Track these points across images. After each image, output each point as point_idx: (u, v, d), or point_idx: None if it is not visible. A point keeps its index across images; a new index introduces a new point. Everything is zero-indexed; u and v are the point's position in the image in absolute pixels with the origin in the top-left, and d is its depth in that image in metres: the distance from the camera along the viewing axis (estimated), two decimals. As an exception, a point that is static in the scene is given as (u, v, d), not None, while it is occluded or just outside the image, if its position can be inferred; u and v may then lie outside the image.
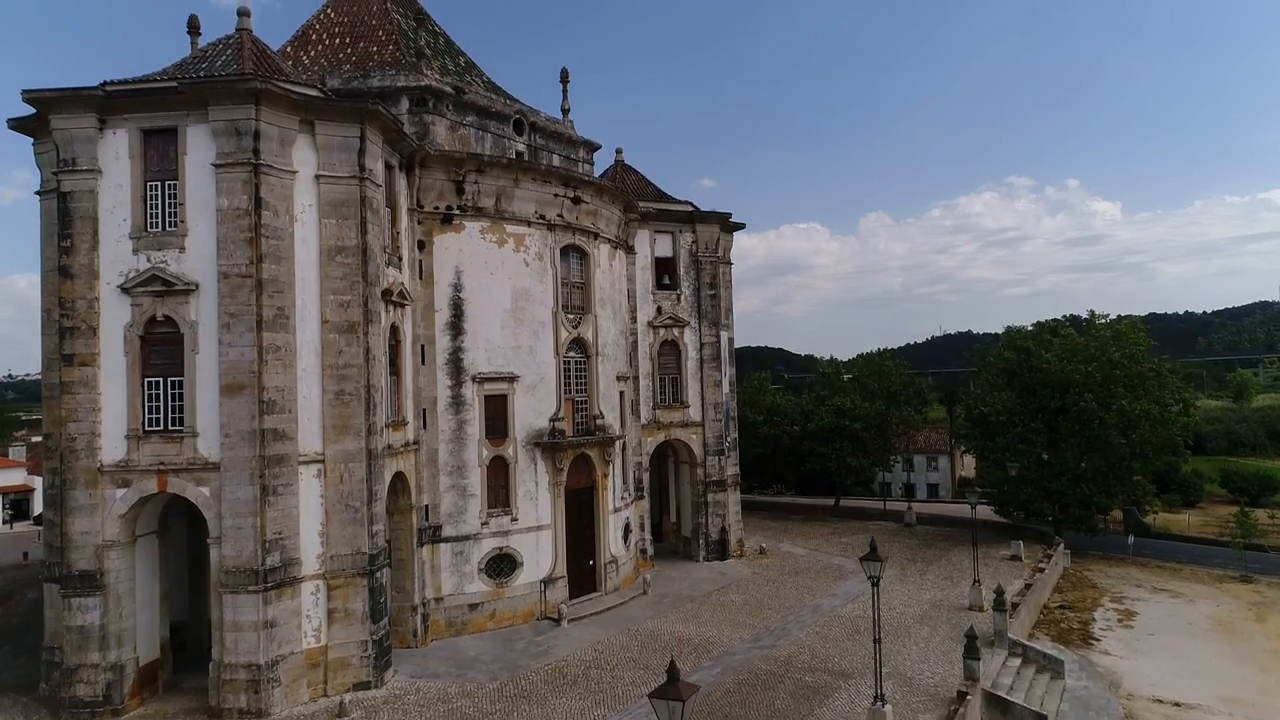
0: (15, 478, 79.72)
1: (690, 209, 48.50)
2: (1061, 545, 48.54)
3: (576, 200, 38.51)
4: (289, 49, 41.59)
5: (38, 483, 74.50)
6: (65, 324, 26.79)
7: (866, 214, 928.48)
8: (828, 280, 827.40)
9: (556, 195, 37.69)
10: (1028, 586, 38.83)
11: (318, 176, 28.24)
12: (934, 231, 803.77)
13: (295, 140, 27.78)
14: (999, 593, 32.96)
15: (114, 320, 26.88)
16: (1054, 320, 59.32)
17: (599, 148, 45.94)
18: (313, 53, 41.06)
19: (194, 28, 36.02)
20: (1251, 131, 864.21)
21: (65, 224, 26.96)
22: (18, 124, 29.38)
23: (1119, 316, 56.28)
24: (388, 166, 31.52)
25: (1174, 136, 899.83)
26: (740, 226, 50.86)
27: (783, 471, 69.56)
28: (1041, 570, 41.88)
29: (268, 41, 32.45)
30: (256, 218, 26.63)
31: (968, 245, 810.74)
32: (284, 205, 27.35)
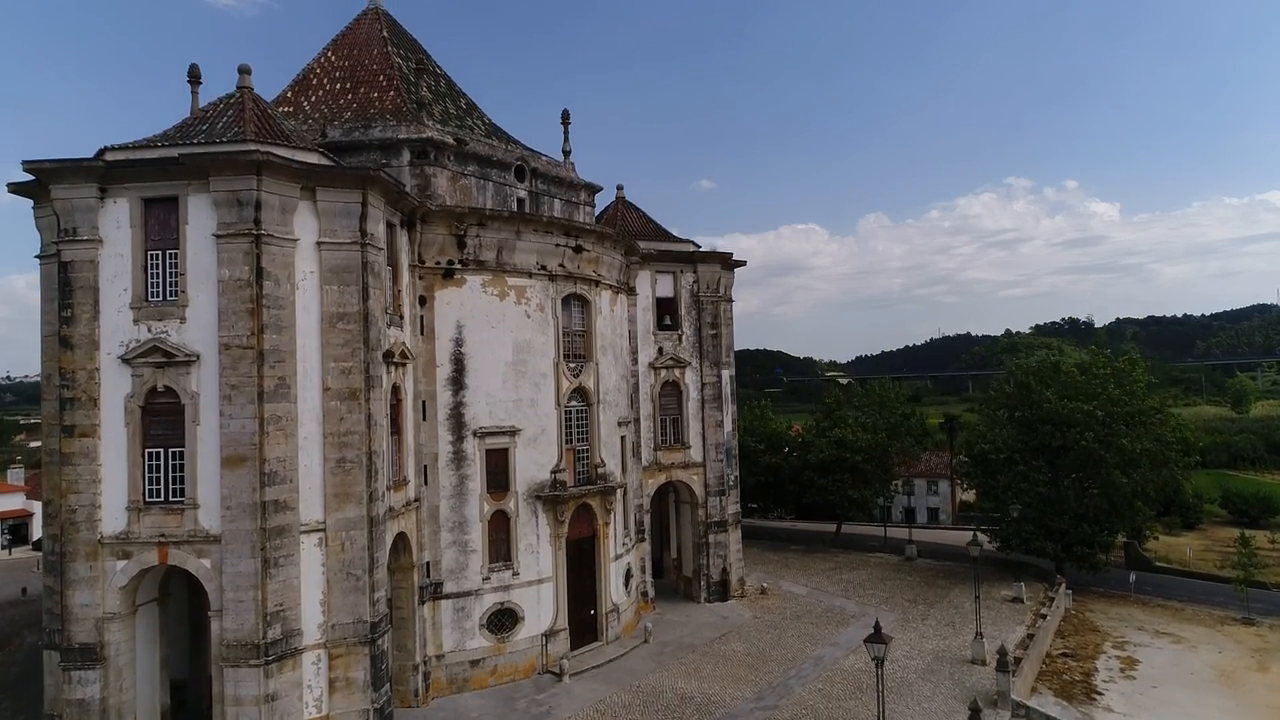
0: (14, 502, 79.62)
1: (691, 249, 48.46)
2: (1063, 585, 48.45)
3: (578, 249, 38.42)
4: (289, 94, 41.56)
5: (37, 507, 74.37)
6: (65, 394, 26.70)
7: (865, 215, 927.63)
8: (827, 281, 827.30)
9: (558, 245, 37.60)
10: (1030, 637, 38.75)
11: (319, 243, 28.15)
12: (933, 232, 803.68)
13: (297, 208, 27.68)
14: (1002, 653, 32.85)
15: (114, 391, 26.79)
16: (1055, 338, 59.21)
17: (600, 189, 45.92)
18: (313, 98, 41.01)
19: (195, 77, 36.04)
20: (1250, 133, 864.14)
21: (66, 294, 26.88)
22: (17, 188, 29.26)
23: (1118, 319, 56.34)
24: (389, 225, 31.43)
25: (1172, 138, 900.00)
26: (741, 264, 50.81)
27: (784, 498, 69.46)
28: (1043, 617, 41.80)
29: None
30: (258, 288, 26.54)
31: (966, 246, 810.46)
32: (285, 274, 27.26)
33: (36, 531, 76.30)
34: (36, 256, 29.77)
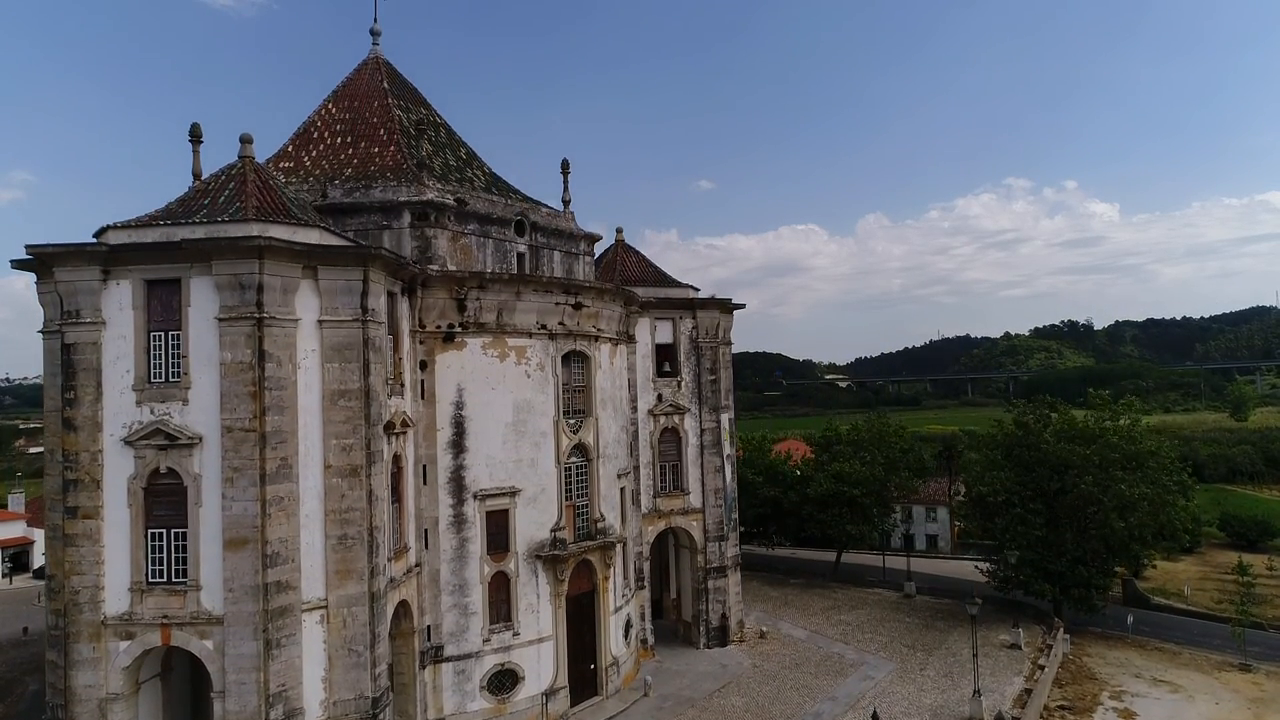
0: (15, 530, 79.63)
1: (690, 296, 48.65)
2: (1060, 630, 48.66)
3: (578, 305, 38.59)
4: (290, 148, 41.76)
5: (38, 535, 74.40)
6: (69, 476, 26.89)
7: (864, 215, 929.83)
8: (826, 282, 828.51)
9: (558, 304, 37.77)
10: (1027, 691, 38.95)
11: (321, 321, 28.32)
12: (932, 233, 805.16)
13: (299, 287, 27.85)
14: (999, 718, 33.02)
15: (117, 472, 26.98)
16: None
17: (599, 238, 46.17)
18: (314, 153, 41.20)
19: (196, 136, 36.15)
20: (1249, 133, 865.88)
21: (69, 375, 27.07)
22: (20, 264, 29.38)
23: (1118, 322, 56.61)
24: (389, 294, 31.59)
25: (1172, 138, 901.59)
26: (740, 307, 50.98)
27: (784, 528, 69.60)
28: (1041, 668, 42.01)
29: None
30: (260, 370, 26.72)
31: (966, 247, 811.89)
32: (287, 354, 27.42)
33: (38, 559, 76.40)
34: (40, 331, 29.89)
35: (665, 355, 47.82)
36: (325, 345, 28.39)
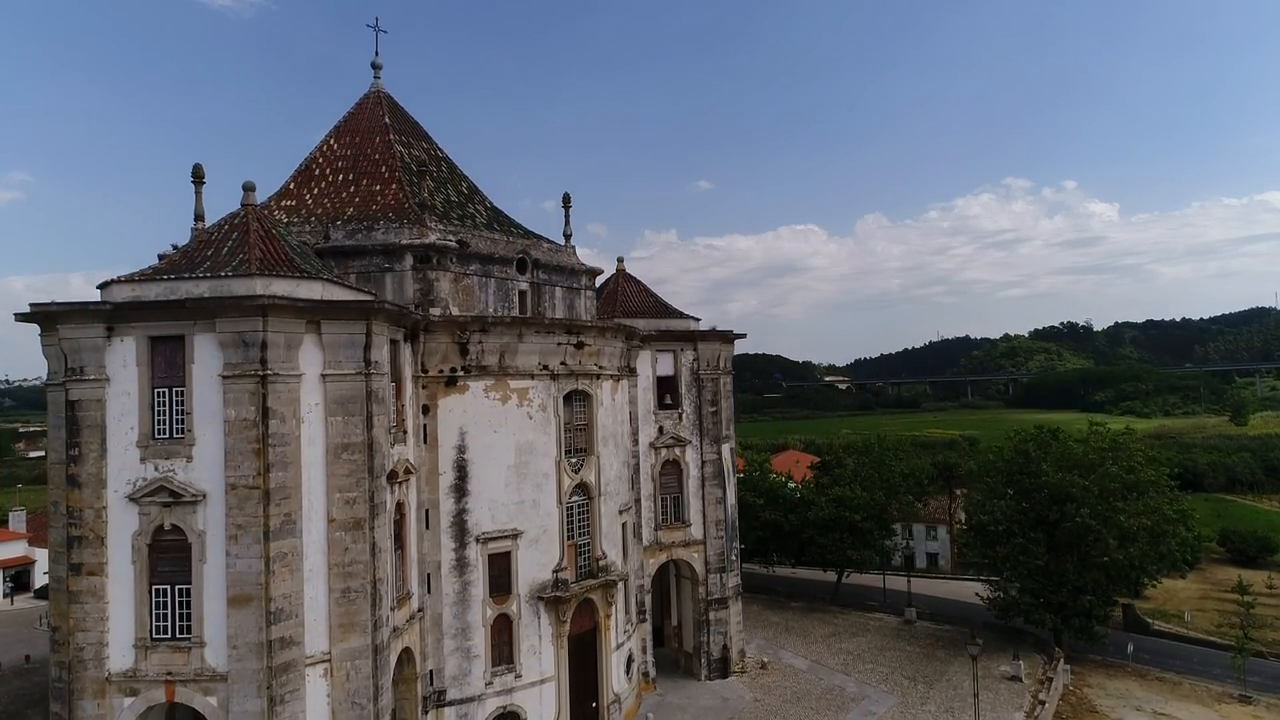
0: (16, 550, 79.67)
1: (691, 328, 48.74)
2: (1061, 660, 48.76)
3: (580, 345, 38.68)
4: (292, 186, 41.89)
5: (40, 554, 74.41)
6: (73, 533, 26.98)
7: (864, 215, 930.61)
8: (825, 282, 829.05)
9: (560, 344, 37.86)
10: (1028, 730, 39.07)
11: (324, 375, 28.38)
12: (931, 233, 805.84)
13: (302, 342, 27.90)
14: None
15: (122, 528, 27.06)
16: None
17: (600, 272, 46.29)
18: (316, 190, 41.32)
19: (198, 177, 36.35)
20: (1249, 133, 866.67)
21: (73, 432, 27.15)
22: (24, 317, 29.45)
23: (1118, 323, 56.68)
24: (392, 341, 31.67)
25: (1171, 137, 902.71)
26: (741, 336, 51.14)
27: (785, 549, 69.47)
28: (1042, 703, 42.12)
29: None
30: (264, 428, 26.80)
31: (965, 247, 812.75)
32: (290, 410, 27.49)
33: (40, 579, 76.47)
34: (45, 384, 29.98)
35: (666, 387, 47.89)
36: (329, 399, 28.45)
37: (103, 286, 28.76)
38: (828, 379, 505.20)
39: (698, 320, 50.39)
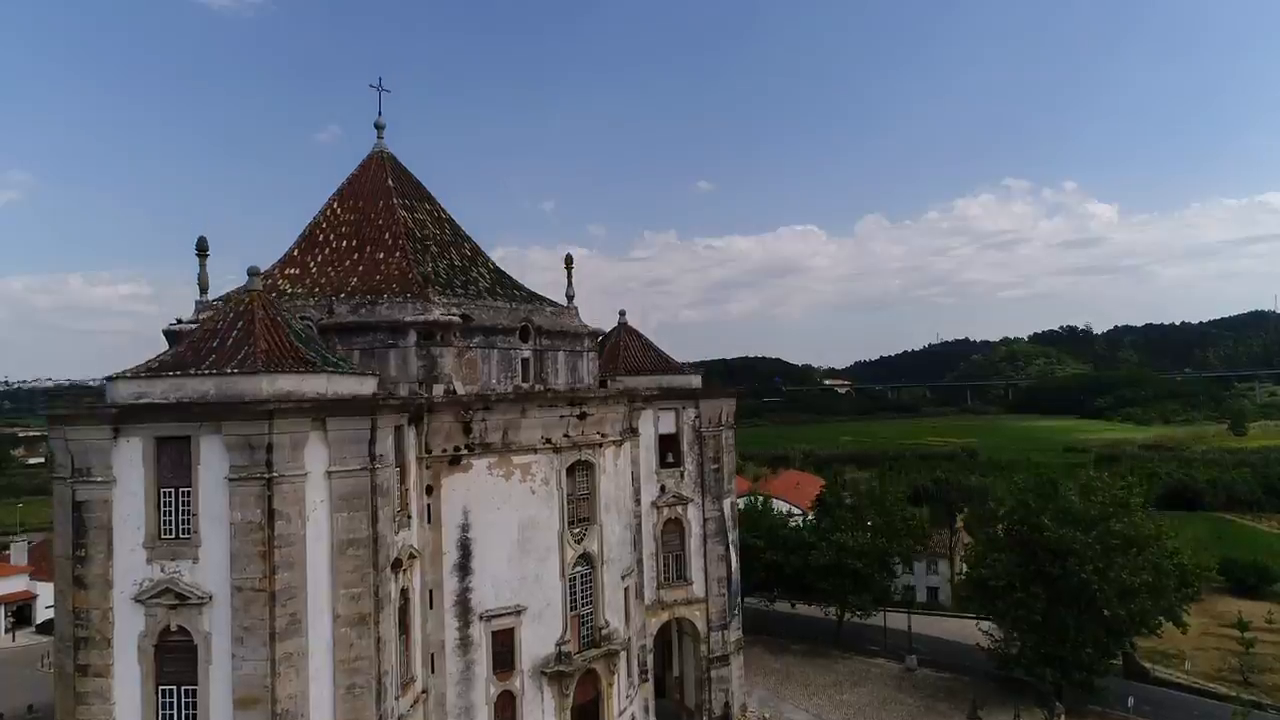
0: (17, 585, 79.67)
1: (694, 386, 48.90)
2: (1062, 716, 48.91)
3: (583, 415, 38.80)
4: (296, 253, 42.02)
5: (44, 589, 74.25)
6: (80, 634, 27.11)
7: (863, 216, 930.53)
8: (825, 283, 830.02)
9: (563, 416, 37.99)
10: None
11: (329, 472, 28.46)
12: (931, 233, 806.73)
13: (307, 440, 27.95)
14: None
15: (128, 629, 27.19)
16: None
17: (601, 334, 46.43)
18: (319, 257, 41.46)
19: (202, 250, 36.60)
20: (1249, 134, 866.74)
21: (80, 533, 27.28)
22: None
23: (1117, 327, 56.75)
24: (397, 428, 31.80)
25: (1171, 138, 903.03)
26: (738, 395, 51.38)
27: (786, 588, 69.53)
28: (1043, 768, 42.28)
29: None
30: (270, 530, 26.92)
31: (965, 248, 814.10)
32: (296, 509, 27.59)
33: (43, 613, 76.47)
34: (51, 476, 30.10)
35: (668, 445, 48.05)
36: (334, 495, 28.55)
37: (109, 380, 28.90)
38: (827, 382, 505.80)
39: (699, 373, 50.57)
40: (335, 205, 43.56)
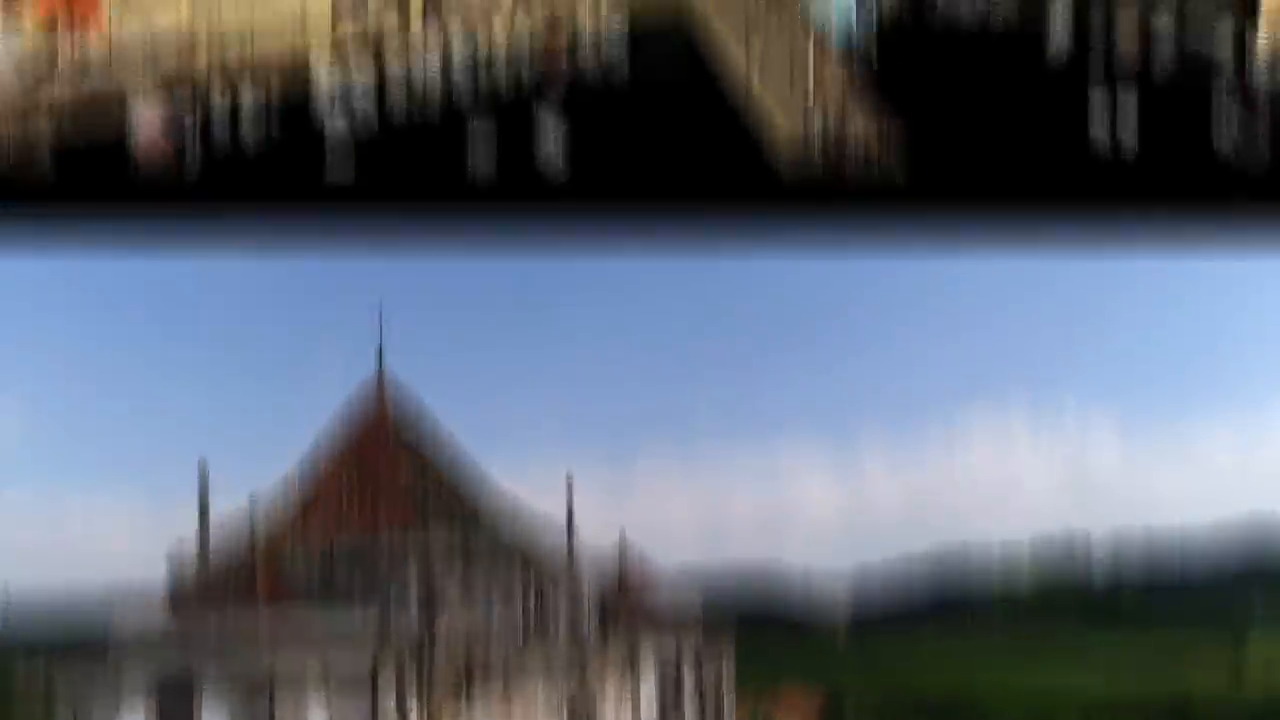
0: None
1: (695, 620, 48.45)
2: None
3: (583, 670, 38.34)
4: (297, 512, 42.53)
5: None
6: None
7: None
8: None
9: (562, 668, 37.53)
10: None
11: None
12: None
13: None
14: None
15: None
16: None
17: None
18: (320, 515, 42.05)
19: (204, 509, 36.73)
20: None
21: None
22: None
23: None
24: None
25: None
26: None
27: None
28: None
29: None
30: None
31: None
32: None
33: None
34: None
35: (668, 684, 46.68)
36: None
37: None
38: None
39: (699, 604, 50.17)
40: (334, 465, 44.44)
